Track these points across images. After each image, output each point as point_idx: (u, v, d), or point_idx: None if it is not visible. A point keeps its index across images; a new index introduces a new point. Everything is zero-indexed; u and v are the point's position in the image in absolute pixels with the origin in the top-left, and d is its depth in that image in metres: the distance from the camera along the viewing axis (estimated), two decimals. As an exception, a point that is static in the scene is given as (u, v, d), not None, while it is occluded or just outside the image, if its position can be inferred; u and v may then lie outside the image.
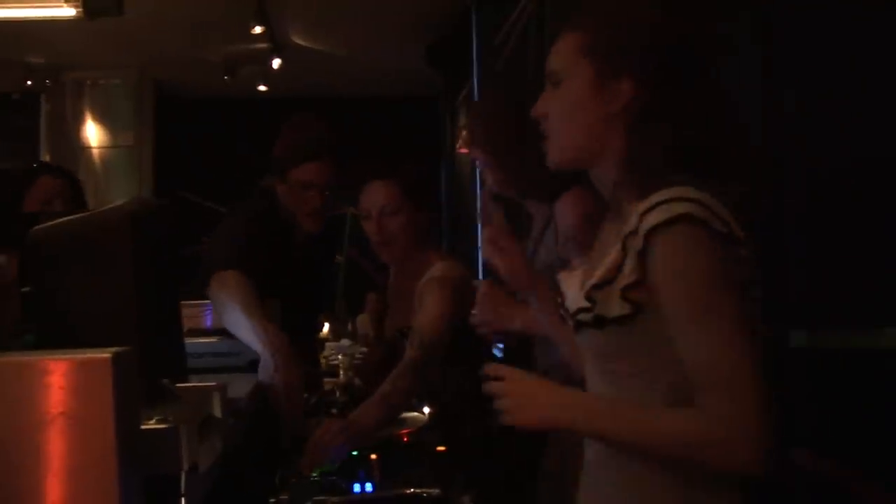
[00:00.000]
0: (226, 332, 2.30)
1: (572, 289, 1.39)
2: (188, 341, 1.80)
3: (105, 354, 0.99)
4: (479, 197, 4.44)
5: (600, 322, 1.27)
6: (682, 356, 1.22)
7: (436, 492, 1.96)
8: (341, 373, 3.14)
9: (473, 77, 5.77)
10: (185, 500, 1.17)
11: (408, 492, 1.97)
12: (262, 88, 7.36)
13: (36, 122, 7.37)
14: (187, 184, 6.38)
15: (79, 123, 7.64)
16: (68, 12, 4.58)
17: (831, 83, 1.90)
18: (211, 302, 2.41)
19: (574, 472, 1.46)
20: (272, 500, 1.95)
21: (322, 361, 3.37)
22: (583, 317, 1.30)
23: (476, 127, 2.17)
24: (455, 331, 2.29)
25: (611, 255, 1.28)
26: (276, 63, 6.69)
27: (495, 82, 4.52)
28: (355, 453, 2.12)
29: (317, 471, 2.08)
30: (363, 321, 3.57)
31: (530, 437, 1.57)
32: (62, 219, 1.49)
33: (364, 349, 3.20)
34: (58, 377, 0.99)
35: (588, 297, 1.29)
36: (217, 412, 1.43)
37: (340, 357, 3.27)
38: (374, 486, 2.02)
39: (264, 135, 2.89)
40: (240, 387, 1.88)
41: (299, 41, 6.62)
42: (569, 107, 1.37)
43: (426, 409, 2.38)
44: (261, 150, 2.87)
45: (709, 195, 1.22)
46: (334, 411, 2.55)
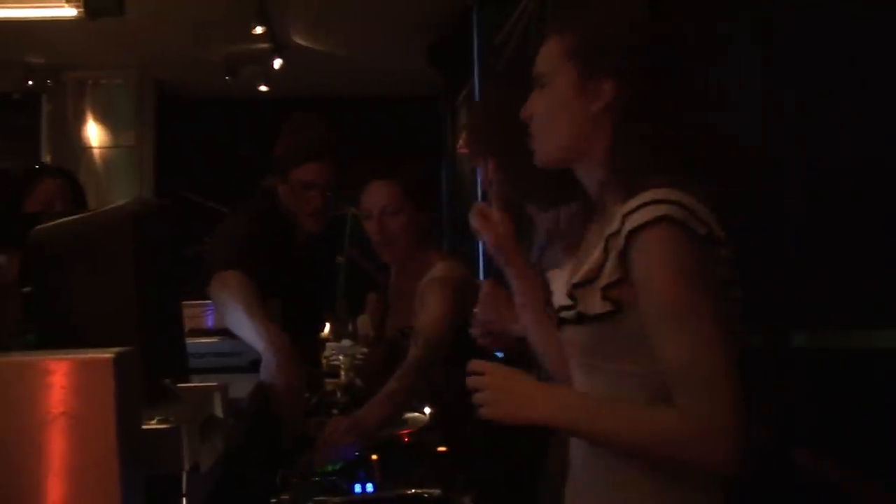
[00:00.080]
0: (227, 333, 2.30)
1: (559, 287, 1.43)
2: (189, 341, 1.79)
3: (107, 355, 0.99)
4: (479, 198, 4.44)
5: (582, 319, 1.31)
6: (659, 354, 1.25)
7: (436, 492, 1.97)
8: (342, 373, 3.13)
9: (474, 77, 5.76)
10: (186, 500, 1.17)
11: (408, 492, 1.98)
12: (264, 88, 7.37)
13: (37, 122, 7.37)
14: (188, 184, 6.39)
15: (80, 123, 7.64)
16: (70, 12, 4.59)
17: (831, 83, 1.90)
18: (212, 302, 2.41)
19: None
20: (273, 501, 1.96)
21: (323, 362, 3.36)
22: (565, 314, 1.34)
23: (477, 127, 2.17)
24: (457, 331, 2.29)
25: (594, 255, 1.31)
26: (277, 63, 6.70)
27: (496, 82, 4.53)
28: (356, 453, 2.13)
29: (328, 468, 2.09)
30: (364, 321, 3.55)
31: (531, 437, 1.57)
32: (63, 219, 1.49)
33: (365, 350, 3.19)
34: (59, 377, 0.99)
35: (570, 294, 1.33)
36: (218, 412, 1.43)
37: (341, 357, 3.26)
38: (374, 487, 2.03)
39: (265, 135, 2.89)
40: (241, 387, 1.88)
41: (300, 41, 6.62)
42: (554, 107, 1.41)
43: (427, 410, 2.39)
44: (262, 150, 2.86)
45: (690, 197, 1.25)
46: (335, 412, 2.55)
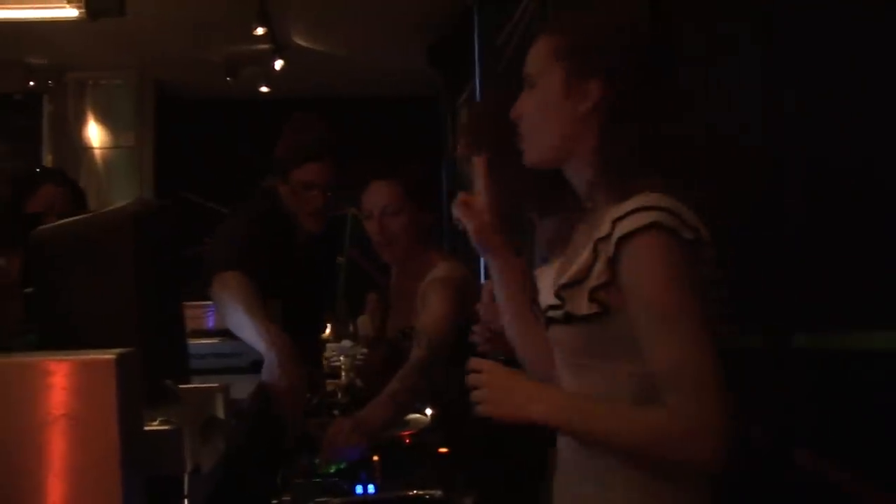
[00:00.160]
0: (228, 333, 2.30)
1: (545, 286, 1.46)
2: (190, 342, 1.80)
3: (109, 355, 0.99)
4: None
5: (569, 319, 1.34)
6: (647, 356, 1.28)
7: (438, 493, 1.97)
8: (343, 374, 3.13)
9: (475, 77, 5.76)
10: (187, 501, 1.16)
11: (410, 493, 1.98)
12: (264, 89, 7.37)
13: (38, 123, 7.37)
14: (189, 184, 6.39)
15: (80, 124, 7.64)
16: (71, 13, 4.58)
17: (832, 83, 1.90)
18: (213, 303, 2.41)
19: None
20: (274, 502, 1.96)
21: (323, 363, 3.36)
22: (553, 313, 1.37)
23: (472, 126, 2.17)
24: (458, 331, 2.29)
25: (582, 256, 1.34)
26: (278, 64, 6.69)
27: (497, 83, 4.52)
28: (360, 455, 2.13)
29: (330, 468, 2.09)
30: (364, 322, 3.56)
31: (532, 438, 1.57)
32: (65, 220, 1.49)
33: (365, 350, 3.19)
34: (60, 378, 0.98)
35: (558, 294, 1.36)
36: (220, 413, 1.43)
37: (342, 358, 3.26)
38: (375, 488, 2.03)
39: (266, 135, 2.89)
40: (242, 388, 1.88)
41: (301, 42, 6.62)
42: (542, 107, 1.43)
43: (428, 411, 2.39)
44: (262, 151, 2.87)
45: (678, 202, 1.28)
46: (336, 412, 2.55)
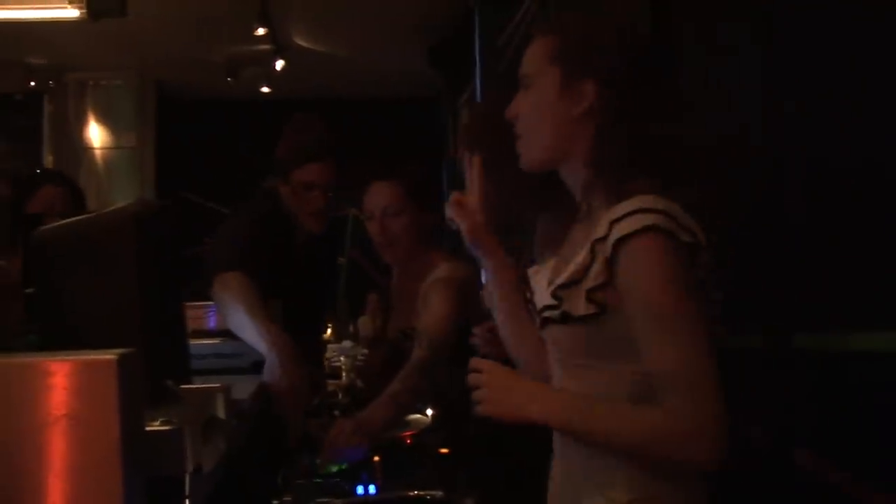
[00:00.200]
0: (229, 334, 2.30)
1: (540, 285, 1.47)
2: (191, 342, 1.80)
3: (110, 356, 0.99)
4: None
5: (566, 319, 1.35)
6: (645, 357, 1.30)
7: (439, 494, 1.97)
8: (343, 374, 3.13)
9: (476, 78, 5.75)
10: (188, 501, 1.16)
11: (411, 494, 1.98)
12: (265, 90, 7.36)
13: (38, 123, 7.36)
14: (189, 185, 6.39)
15: (81, 124, 7.64)
16: (72, 13, 4.58)
17: (832, 84, 1.90)
18: (214, 303, 2.41)
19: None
20: (275, 502, 1.96)
21: (324, 363, 3.36)
22: (549, 313, 1.38)
23: (471, 126, 2.17)
24: (460, 331, 2.28)
25: (579, 257, 1.35)
26: (279, 64, 6.69)
27: (498, 84, 4.51)
28: (362, 455, 2.13)
29: (333, 468, 2.09)
30: (365, 323, 3.55)
31: (534, 438, 1.57)
32: (66, 220, 1.49)
33: (365, 351, 3.19)
34: (61, 378, 0.98)
35: (555, 294, 1.37)
36: (221, 413, 1.43)
37: (342, 359, 3.26)
38: (377, 488, 2.03)
39: (266, 136, 2.89)
40: (243, 388, 1.88)
41: (302, 42, 6.62)
42: (537, 109, 1.44)
43: (429, 411, 2.38)
44: (263, 152, 2.86)
45: (674, 204, 1.29)
46: (336, 412, 2.55)
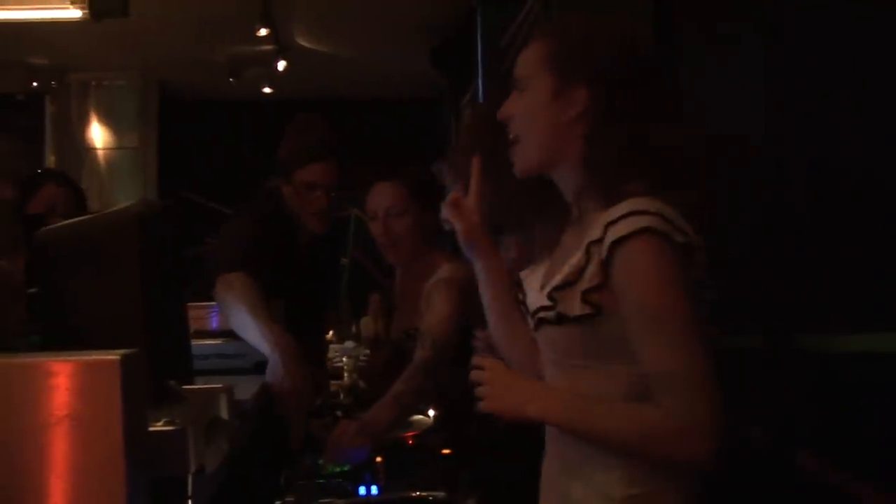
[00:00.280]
0: (231, 334, 2.30)
1: (533, 287, 1.48)
2: (194, 343, 1.80)
3: (113, 356, 0.99)
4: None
5: (561, 320, 1.37)
6: (641, 358, 1.32)
7: (441, 494, 1.97)
8: (345, 375, 3.13)
9: (478, 79, 5.75)
10: (191, 502, 1.16)
11: (413, 494, 1.97)
12: (267, 90, 7.35)
13: (41, 123, 7.36)
14: (191, 185, 6.39)
15: (83, 124, 7.64)
16: (74, 14, 4.56)
17: (835, 84, 1.90)
18: (217, 304, 2.41)
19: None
20: (278, 503, 1.96)
21: (327, 363, 3.36)
22: (544, 314, 1.40)
23: (470, 126, 2.16)
24: (463, 332, 2.28)
25: (574, 258, 1.37)
26: (281, 65, 6.68)
27: (500, 84, 4.50)
28: (365, 457, 2.13)
29: (336, 469, 2.09)
30: (367, 323, 3.55)
31: (536, 438, 1.57)
32: (69, 221, 1.49)
33: (367, 351, 3.19)
34: (64, 379, 0.98)
35: (550, 296, 1.38)
36: (224, 414, 1.43)
37: (345, 359, 3.26)
38: (379, 489, 2.02)
39: (269, 136, 2.89)
40: (246, 389, 1.88)
41: (304, 43, 6.62)
42: (531, 112, 1.46)
43: (431, 412, 2.38)
44: (265, 152, 2.86)
45: (668, 206, 1.31)
46: (339, 413, 2.55)
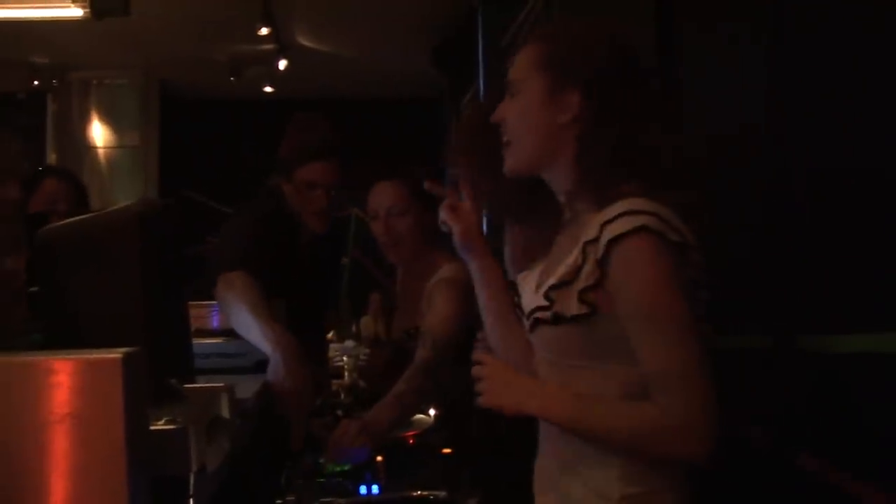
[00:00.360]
0: (232, 333, 2.30)
1: (528, 288, 1.50)
2: (195, 342, 1.80)
3: (115, 355, 0.99)
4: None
5: (558, 320, 1.38)
6: (638, 356, 1.33)
7: (442, 494, 1.97)
8: (346, 374, 3.13)
9: (479, 79, 5.75)
10: (192, 500, 1.16)
11: (414, 494, 1.98)
12: (268, 89, 7.36)
13: (42, 122, 7.36)
14: (192, 184, 6.39)
15: (84, 123, 7.64)
16: (76, 13, 4.57)
17: (835, 84, 1.90)
18: (218, 303, 2.41)
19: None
20: (279, 502, 1.95)
21: (328, 363, 3.35)
22: (541, 315, 1.41)
23: (469, 126, 2.16)
24: (464, 332, 2.28)
25: (570, 259, 1.38)
26: (282, 64, 6.69)
27: (500, 84, 4.50)
28: (367, 456, 2.12)
29: (337, 468, 2.09)
30: (367, 323, 3.55)
31: (537, 437, 1.58)
32: (70, 219, 1.49)
33: (367, 350, 3.19)
34: (66, 377, 0.98)
35: (546, 296, 1.39)
36: (225, 413, 1.43)
37: (345, 358, 3.26)
38: (380, 488, 2.02)
39: (269, 136, 2.89)
40: (247, 388, 1.88)
41: (305, 42, 6.62)
42: (524, 116, 1.48)
43: (431, 411, 2.38)
44: (266, 151, 2.86)
45: (662, 206, 1.32)
46: (339, 412, 2.55)
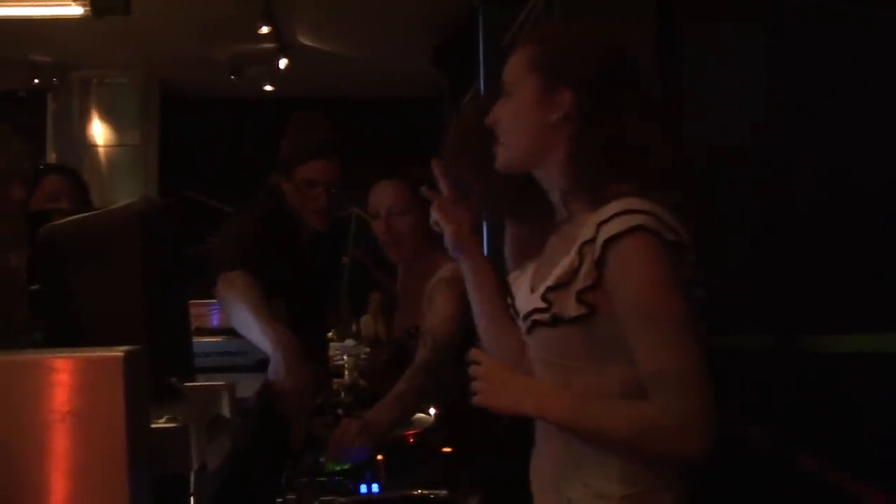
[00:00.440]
0: (233, 332, 2.30)
1: (522, 290, 1.50)
2: (195, 340, 1.80)
3: (116, 353, 0.99)
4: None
5: (556, 321, 1.38)
6: (635, 356, 1.34)
7: (442, 493, 1.97)
8: (346, 373, 3.13)
9: (479, 79, 5.75)
10: (193, 499, 1.16)
11: (414, 493, 1.97)
12: (269, 88, 7.36)
13: (42, 121, 7.36)
14: (192, 183, 6.39)
15: (85, 122, 7.64)
16: (76, 11, 4.58)
17: (836, 84, 1.90)
18: (218, 302, 2.41)
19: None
20: (279, 501, 1.95)
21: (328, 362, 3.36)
22: (539, 317, 1.41)
23: (468, 126, 2.15)
24: (465, 331, 2.28)
25: (567, 259, 1.38)
26: (283, 63, 6.69)
27: (501, 84, 4.50)
28: (367, 456, 2.12)
29: (338, 467, 2.09)
30: (366, 322, 3.55)
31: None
32: (71, 217, 1.49)
33: (368, 350, 3.19)
34: (67, 375, 0.98)
35: (544, 298, 1.40)
36: (226, 412, 1.43)
37: (345, 358, 3.26)
38: (380, 487, 2.02)
39: (270, 135, 2.89)
40: (247, 386, 1.88)
41: (306, 41, 6.62)
42: (517, 116, 1.49)
43: (432, 410, 2.38)
44: (266, 150, 2.86)
45: (657, 205, 1.33)
46: (340, 411, 2.55)
